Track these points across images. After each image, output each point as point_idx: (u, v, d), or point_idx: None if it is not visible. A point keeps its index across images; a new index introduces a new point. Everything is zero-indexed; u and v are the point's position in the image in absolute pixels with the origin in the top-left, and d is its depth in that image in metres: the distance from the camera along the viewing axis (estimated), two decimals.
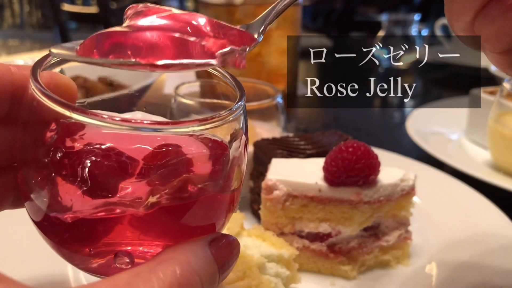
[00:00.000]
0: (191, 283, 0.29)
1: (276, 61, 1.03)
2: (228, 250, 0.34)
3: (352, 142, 0.61)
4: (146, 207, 0.30)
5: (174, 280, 0.28)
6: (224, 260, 0.33)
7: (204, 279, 0.30)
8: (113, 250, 0.32)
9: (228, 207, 0.36)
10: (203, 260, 0.31)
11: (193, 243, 0.32)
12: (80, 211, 0.30)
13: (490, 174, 0.91)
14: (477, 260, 0.64)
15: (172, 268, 0.28)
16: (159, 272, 0.28)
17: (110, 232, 0.31)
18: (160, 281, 0.27)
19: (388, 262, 0.68)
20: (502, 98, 0.92)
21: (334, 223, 0.65)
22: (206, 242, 0.32)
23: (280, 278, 0.55)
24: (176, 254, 0.30)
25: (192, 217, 0.33)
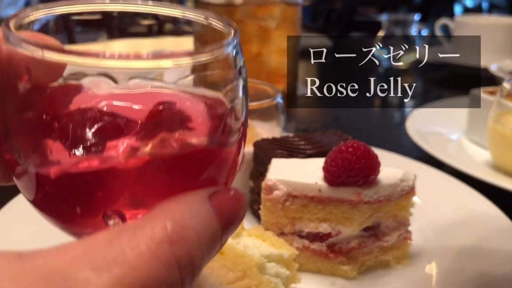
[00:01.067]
0: (185, 240, 0.24)
1: (276, 61, 1.03)
2: (232, 203, 0.29)
3: (352, 142, 0.61)
4: (137, 161, 0.28)
5: (164, 236, 0.24)
6: (228, 215, 0.28)
7: (202, 235, 0.25)
8: (103, 210, 0.29)
9: (230, 163, 0.32)
10: (201, 214, 0.26)
11: (190, 196, 0.27)
12: (67, 167, 0.28)
13: (490, 174, 0.91)
14: (477, 260, 0.64)
15: (162, 224, 0.24)
16: (146, 229, 0.24)
17: (100, 188, 0.28)
18: (147, 238, 0.23)
19: (388, 262, 0.68)
20: (502, 98, 0.92)
21: (334, 223, 0.65)
22: (205, 195, 0.28)
23: (280, 278, 0.55)
24: (168, 208, 0.26)
25: (187, 173, 0.29)
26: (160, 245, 0.23)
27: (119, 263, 0.22)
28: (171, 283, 0.24)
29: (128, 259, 0.22)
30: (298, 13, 1.07)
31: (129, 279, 0.22)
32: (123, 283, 0.21)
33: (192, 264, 0.25)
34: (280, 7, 1.01)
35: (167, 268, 0.23)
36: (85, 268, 0.21)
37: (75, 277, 0.21)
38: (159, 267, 0.23)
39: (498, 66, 1.50)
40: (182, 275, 0.24)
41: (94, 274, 0.21)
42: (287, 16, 1.03)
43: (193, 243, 0.25)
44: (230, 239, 0.57)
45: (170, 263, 0.23)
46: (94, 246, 0.22)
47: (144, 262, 0.22)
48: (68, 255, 0.22)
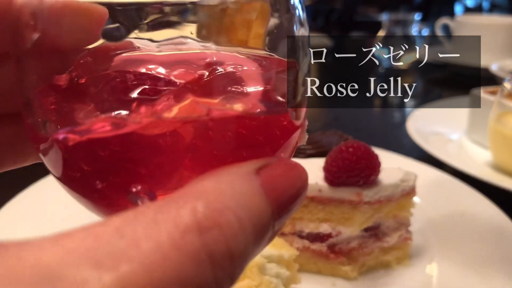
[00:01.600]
0: (221, 227, 0.18)
1: None
2: (288, 179, 0.22)
3: (352, 142, 0.61)
4: (172, 126, 0.22)
5: (192, 222, 0.18)
6: (282, 194, 0.21)
7: (246, 221, 0.19)
8: (130, 184, 0.24)
9: (288, 132, 0.26)
10: (245, 193, 0.20)
11: (231, 169, 0.21)
12: (95, 131, 0.23)
13: (491, 174, 0.91)
14: (478, 261, 0.64)
15: (191, 206, 0.18)
16: (169, 212, 0.18)
17: (127, 157, 0.23)
18: (169, 225, 0.17)
19: (389, 263, 0.67)
20: (503, 98, 0.92)
21: (335, 223, 0.65)
22: (252, 169, 0.21)
23: (280, 278, 0.55)
24: (201, 186, 0.19)
25: (235, 143, 0.23)
26: (186, 234, 0.17)
27: (128, 259, 0.16)
28: (200, 282, 0.18)
29: (141, 253, 0.17)
30: None
31: (140, 280, 0.16)
32: (131, 285, 0.16)
33: (231, 257, 0.19)
34: None
35: (195, 264, 0.17)
36: (83, 265, 0.16)
37: (67, 277, 0.15)
38: (184, 262, 0.17)
39: (499, 66, 1.50)
40: (217, 273, 0.18)
41: (94, 273, 0.16)
42: None
43: (231, 230, 0.18)
44: None
45: (199, 257, 0.17)
46: (98, 235, 0.17)
47: (163, 256, 0.17)
48: (64, 248, 0.16)
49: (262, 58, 0.27)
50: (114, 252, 0.16)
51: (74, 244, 0.16)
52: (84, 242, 0.17)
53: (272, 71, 0.26)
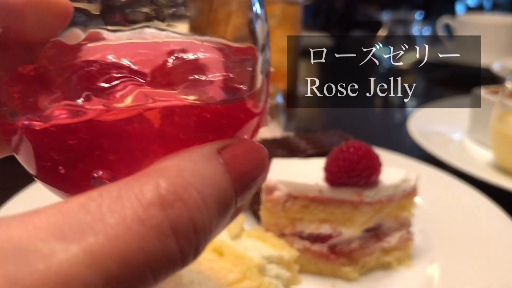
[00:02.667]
0: (184, 201, 0.19)
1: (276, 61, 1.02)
2: (249, 157, 0.23)
3: (353, 142, 0.61)
4: (133, 111, 0.24)
5: (154, 197, 0.18)
6: (243, 172, 0.22)
7: (208, 196, 0.20)
8: (91, 170, 0.25)
9: (251, 116, 0.27)
10: (205, 169, 0.20)
11: (193, 150, 0.22)
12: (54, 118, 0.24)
13: (493, 175, 0.90)
14: (479, 261, 0.64)
15: (154, 182, 0.19)
16: (133, 188, 0.18)
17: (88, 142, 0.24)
18: (133, 201, 0.18)
19: (390, 263, 0.67)
20: (504, 98, 0.92)
21: (335, 224, 0.64)
22: (214, 149, 0.22)
23: (280, 279, 0.55)
24: (164, 165, 0.20)
25: (195, 127, 0.24)
26: (149, 208, 0.18)
27: (93, 232, 0.17)
28: (165, 254, 0.18)
29: (106, 226, 0.17)
30: (299, 12, 1.07)
31: (105, 251, 0.17)
32: (97, 256, 0.17)
33: (195, 230, 0.19)
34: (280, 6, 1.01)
35: (159, 236, 0.18)
36: (51, 238, 0.17)
37: (35, 249, 0.16)
38: (148, 235, 0.18)
39: (500, 66, 1.50)
40: (181, 244, 0.19)
41: (60, 245, 0.16)
42: (287, 15, 1.02)
43: (194, 204, 0.19)
44: (230, 240, 0.57)
45: (163, 230, 0.18)
46: (65, 211, 0.18)
47: (127, 229, 0.17)
48: (32, 224, 0.17)
49: (224, 46, 0.28)
50: (80, 226, 0.17)
51: (42, 220, 0.17)
52: (51, 218, 0.17)
53: (232, 59, 0.27)
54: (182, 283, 0.48)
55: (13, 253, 0.16)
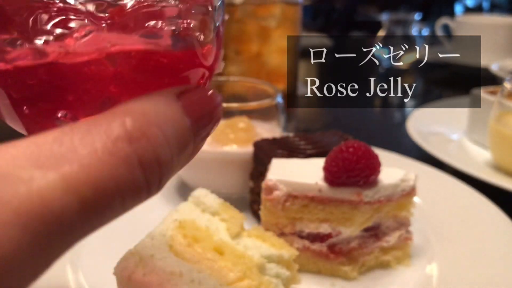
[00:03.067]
0: (147, 137, 0.21)
1: (276, 61, 1.03)
2: (204, 102, 0.26)
3: (352, 142, 0.61)
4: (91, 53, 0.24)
5: (122, 133, 0.21)
6: (199, 115, 0.25)
7: (169, 133, 0.22)
8: (55, 110, 0.26)
9: (206, 62, 0.29)
10: (167, 112, 0.23)
11: (155, 94, 0.24)
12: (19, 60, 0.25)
13: (491, 175, 0.91)
14: (478, 261, 0.64)
15: (121, 120, 0.21)
16: (102, 125, 0.21)
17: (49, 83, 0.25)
18: (102, 135, 0.20)
19: (389, 263, 0.67)
20: (503, 98, 0.92)
21: (335, 223, 0.65)
22: (173, 93, 0.24)
23: (280, 278, 0.55)
24: (129, 106, 0.22)
25: (152, 71, 0.26)
26: (117, 142, 0.20)
27: (68, 161, 0.19)
28: (133, 183, 0.21)
29: (79, 156, 0.19)
30: (298, 12, 1.07)
31: (80, 178, 0.19)
32: (74, 182, 0.19)
33: (159, 163, 0.22)
34: (280, 7, 1.01)
35: (127, 166, 0.20)
36: (29, 166, 0.18)
37: (15, 175, 0.18)
38: (117, 165, 0.20)
39: (499, 66, 1.50)
40: (147, 175, 0.21)
41: (38, 172, 0.18)
42: (287, 15, 1.03)
43: (157, 141, 0.22)
44: (230, 239, 0.57)
45: (131, 161, 0.21)
46: (40, 143, 0.19)
47: (98, 159, 0.20)
48: (10, 153, 0.19)
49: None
50: (55, 156, 0.19)
51: (18, 151, 0.19)
52: (27, 149, 0.19)
53: (189, 5, 0.28)
54: (182, 282, 0.48)
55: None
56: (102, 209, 0.20)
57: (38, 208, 0.17)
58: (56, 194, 0.18)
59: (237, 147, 0.80)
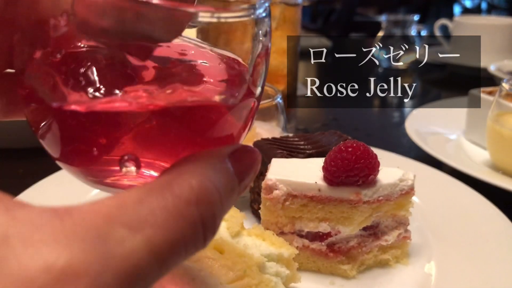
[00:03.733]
0: (209, 198, 0.26)
1: (276, 61, 1.03)
2: (249, 163, 0.30)
3: (351, 142, 0.62)
4: (152, 107, 0.27)
5: (191, 195, 0.25)
6: (244, 173, 0.30)
7: (223, 192, 0.27)
8: (117, 154, 0.29)
9: (245, 120, 0.33)
10: (222, 173, 0.27)
11: (211, 155, 0.28)
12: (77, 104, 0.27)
13: (489, 174, 0.91)
14: (476, 260, 0.65)
15: (188, 183, 0.25)
16: (174, 187, 0.25)
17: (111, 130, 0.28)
18: (175, 197, 0.24)
19: (387, 262, 0.68)
20: (501, 98, 0.93)
21: (334, 222, 0.65)
22: (225, 154, 0.29)
23: (280, 277, 0.55)
24: (192, 167, 0.27)
25: (203, 126, 0.29)
26: (187, 205, 0.24)
27: (150, 224, 0.23)
28: (195, 242, 0.25)
29: (158, 220, 0.23)
30: (298, 13, 1.07)
31: (160, 240, 0.23)
32: (154, 244, 0.23)
33: (214, 223, 0.26)
34: (279, 8, 1.02)
35: (193, 227, 0.24)
36: (120, 226, 0.22)
37: (111, 235, 0.21)
38: (186, 227, 0.24)
39: (497, 66, 1.51)
40: (205, 234, 0.25)
41: (128, 234, 0.22)
42: (287, 16, 1.03)
43: (216, 203, 0.26)
44: (230, 238, 0.57)
45: (196, 224, 0.25)
46: (126, 204, 0.23)
47: (173, 223, 0.24)
48: (102, 213, 0.22)
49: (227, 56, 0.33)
50: (140, 219, 0.23)
51: (110, 210, 0.22)
52: (117, 208, 0.23)
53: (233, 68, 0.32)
54: (183, 281, 0.49)
55: (96, 237, 0.21)
56: (172, 263, 0.24)
57: (130, 269, 0.21)
58: (142, 255, 0.22)
59: None
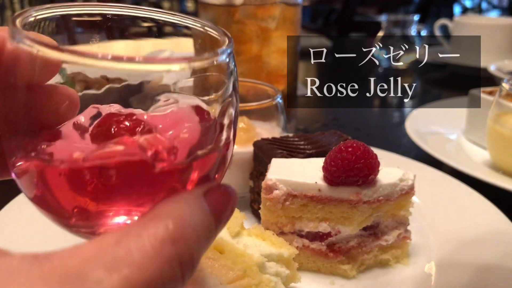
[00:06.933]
0: (185, 238, 0.27)
1: (276, 61, 1.03)
2: (224, 201, 0.32)
3: (351, 142, 0.62)
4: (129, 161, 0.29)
5: (166, 235, 0.26)
6: (221, 212, 0.31)
7: (199, 232, 0.28)
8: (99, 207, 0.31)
9: (221, 161, 0.35)
10: (197, 213, 0.29)
11: (187, 195, 0.30)
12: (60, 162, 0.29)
13: (489, 174, 0.91)
14: (476, 259, 0.65)
15: (164, 223, 0.26)
16: (150, 228, 0.26)
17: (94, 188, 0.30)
18: (151, 237, 0.25)
19: (388, 262, 0.68)
20: (501, 98, 0.93)
21: (334, 222, 0.65)
22: (200, 193, 0.30)
23: (280, 277, 0.55)
24: (168, 208, 0.28)
25: (178, 176, 0.31)
26: (163, 244, 0.25)
27: (127, 264, 0.24)
28: (173, 280, 0.26)
29: (135, 259, 0.24)
30: (298, 13, 1.08)
31: (137, 279, 0.24)
32: (132, 283, 0.24)
33: (192, 261, 0.27)
34: (279, 8, 1.02)
35: (170, 266, 0.25)
36: (98, 268, 0.23)
37: (89, 277, 0.23)
38: (163, 266, 0.25)
39: (497, 66, 1.51)
40: (183, 271, 0.26)
41: (106, 274, 0.23)
42: (286, 16, 1.03)
43: (192, 241, 0.27)
44: (230, 238, 0.57)
45: (173, 262, 0.26)
46: (104, 246, 0.24)
47: (150, 262, 0.25)
48: (81, 256, 0.24)
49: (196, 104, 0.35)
50: (117, 259, 0.24)
51: (89, 253, 0.24)
52: (95, 251, 0.24)
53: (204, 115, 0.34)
54: None
55: (74, 279, 0.22)
56: None
57: None
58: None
59: (237, 147, 0.80)
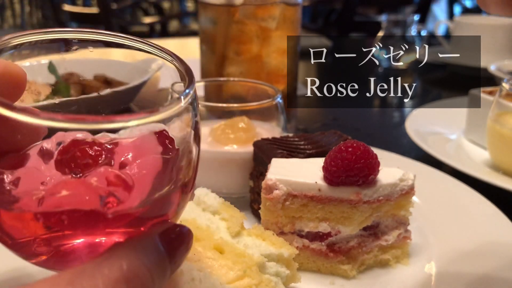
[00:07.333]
0: (139, 278, 0.28)
1: (276, 61, 1.03)
2: (179, 241, 0.33)
3: (351, 142, 0.62)
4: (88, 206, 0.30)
5: (120, 276, 0.27)
6: (176, 252, 0.32)
7: (154, 272, 0.29)
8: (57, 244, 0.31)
9: (179, 200, 0.35)
10: (152, 253, 0.30)
11: (142, 236, 0.31)
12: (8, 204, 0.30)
13: (489, 174, 0.91)
14: (476, 259, 0.65)
15: (118, 264, 0.27)
16: (104, 269, 0.26)
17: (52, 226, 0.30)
18: (105, 277, 0.26)
19: (388, 262, 0.68)
20: (501, 98, 0.93)
21: (334, 222, 0.65)
22: (155, 234, 0.32)
23: (280, 277, 0.55)
24: (123, 249, 0.29)
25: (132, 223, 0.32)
26: (117, 284, 0.26)
27: None
28: None
29: None
30: (298, 13, 1.07)
31: None
32: None
33: None
34: (280, 8, 1.02)
35: None
36: None
37: None
38: None
39: (497, 66, 1.51)
40: None
41: None
42: (287, 16, 1.03)
43: (146, 279, 0.29)
44: (230, 238, 0.57)
45: None
46: (58, 285, 0.25)
47: None
48: None
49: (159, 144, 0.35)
50: None
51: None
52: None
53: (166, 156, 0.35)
54: (183, 281, 0.49)
55: None
56: None
57: None
58: None
59: (237, 147, 0.80)
